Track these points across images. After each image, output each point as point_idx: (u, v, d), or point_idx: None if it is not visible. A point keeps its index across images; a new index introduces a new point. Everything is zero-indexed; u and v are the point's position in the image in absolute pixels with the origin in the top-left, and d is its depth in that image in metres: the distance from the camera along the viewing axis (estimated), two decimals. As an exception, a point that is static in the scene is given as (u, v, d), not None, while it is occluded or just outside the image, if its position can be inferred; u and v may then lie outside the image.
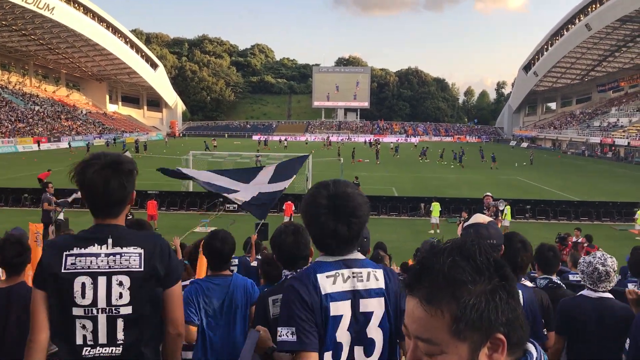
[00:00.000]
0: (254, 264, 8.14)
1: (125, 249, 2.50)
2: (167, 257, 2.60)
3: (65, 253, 2.45)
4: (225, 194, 6.83)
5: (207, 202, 25.56)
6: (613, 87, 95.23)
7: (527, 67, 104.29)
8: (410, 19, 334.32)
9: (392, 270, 2.48)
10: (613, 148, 69.56)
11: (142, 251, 2.52)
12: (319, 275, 2.22)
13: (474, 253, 1.16)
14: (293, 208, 21.58)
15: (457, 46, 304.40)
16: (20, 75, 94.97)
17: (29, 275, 4.35)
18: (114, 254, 2.48)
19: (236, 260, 5.22)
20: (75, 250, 2.46)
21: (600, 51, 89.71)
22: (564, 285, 4.67)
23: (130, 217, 9.14)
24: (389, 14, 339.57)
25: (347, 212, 2.25)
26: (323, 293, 2.19)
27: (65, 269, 2.43)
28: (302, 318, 2.15)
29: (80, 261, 2.45)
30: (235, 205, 24.81)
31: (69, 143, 66.66)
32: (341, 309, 2.21)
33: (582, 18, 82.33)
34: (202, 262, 4.69)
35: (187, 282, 4.67)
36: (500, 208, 16.80)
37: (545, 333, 3.72)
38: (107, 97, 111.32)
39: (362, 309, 2.25)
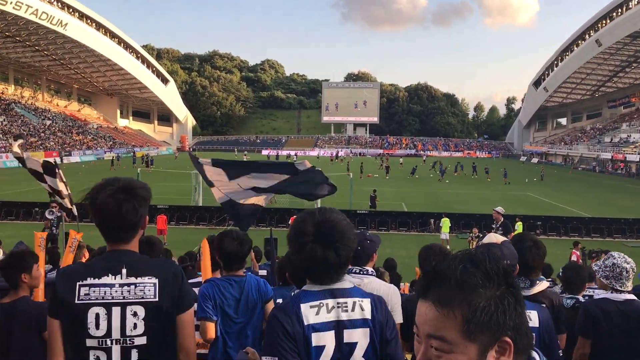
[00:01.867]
0: (263, 272, 8.18)
1: (139, 279, 2.48)
2: (180, 284, 2.58)
3: (78, 283, 2.43)
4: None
5: (216, 217, 25.58)
6: (624, 102, 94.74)
7: (537, 83, 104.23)
8: (418, 35, 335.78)
9: (381, 298, 2.45)
10: (622, 164, 69.11)
11: (156, 281, 2.50)
12: (302, 305, 2.23)
13: (484, 261, 1.24)
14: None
15: (466, 61, 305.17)
16: (33, 90, 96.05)
17: (39, 289, 4.35)
18: (129, 284, 2.46)
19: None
20: (89, 281, 2.44)
21: (610, 67, 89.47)
22: None
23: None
24: (396, 29, 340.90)
25: (333, 239, 2.24)
26: (305, 323, 2.19)
27: (78, 299, 2.41)
28: (284, 348, 2.15)
29: (94, 292, 2.42)
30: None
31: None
32: (323, 339, 2.21)
33: (592, 34, 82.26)
34: (206, 263, 4.63)
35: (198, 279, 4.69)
36: (499, 232, 16.67)
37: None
38: (118, 111, 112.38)
39: (346, 340, 2.24)
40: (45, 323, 3.52)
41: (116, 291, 2.44)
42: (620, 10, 74.12)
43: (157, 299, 2.48)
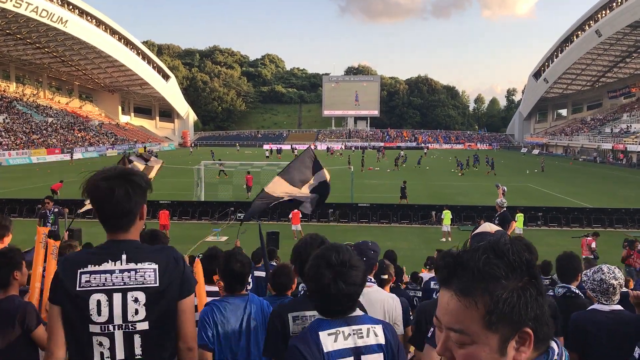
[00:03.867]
0: (261, 274, 8.09)
1: (139, 265, 2.49)
2: (182, 269, 2.60)
3: (79, 270, 2.44)
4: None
5: (218, 212, 25.72)
6: (624, 93, 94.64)
7: (537, 74, 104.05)
8: (418, 27, 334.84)
9: (390, 326, 2.59)
10: (622, 155, 69.16)
11: (156, 266, 2.51)
12: (320, 333, 2.30)
13: (507, 252, 1.22)
14: (300, 216, 21.63)
15: (465, 53, 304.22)
16: (34, 87, 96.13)
17: (35, 287, 4.31)
18: (129, 270, 2.47)
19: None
20: (90, 268, 2.45)
21: (610, 57, 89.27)
22: (582, 295, 4.60)
23: (144, 227, 9.24)
24: (395, 21, 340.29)
25: (350, 281, 2.36)
26: (325, 351, 2.26)
27: (79, 286, 2.42)
28: None
29: (94, 278, 2.43)
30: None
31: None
32: None
33: (592, 24, 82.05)
34: (201, 289, 4.52)
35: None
36: (502, 190, 16.79)
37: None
38: (120, 108, 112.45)
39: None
40: (32, 323, 3.54)
41: (116, 277, 2.45)
42: (619, 0, 73.90)
43: (157, 284, 2.49)
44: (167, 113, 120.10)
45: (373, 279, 3.95)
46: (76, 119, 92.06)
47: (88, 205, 8.64)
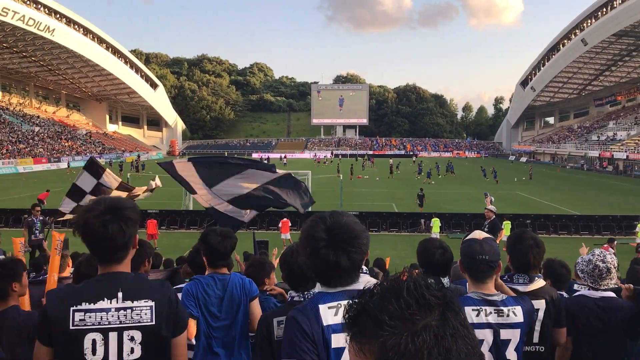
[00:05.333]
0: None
1: (136, 303, 2.45)
2: (175, 307, 2.58)
3: (72, 308, 2.37)
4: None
5: (207, 221, 25.56)
6: (610, 101, 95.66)
7: (524, 83, 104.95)
8: (405, 36, 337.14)
9: None
10: (605, 164, 69.87)
11: (153, 304, 2.48)
12: (320, 306, 2.19)
13: (400, 291, 1.08)
14: (290, 224, 21.60)
15: (453, 62, 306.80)
16: (21, 96, 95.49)
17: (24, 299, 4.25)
18: (125, 309, 2.42)
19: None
20: (84, 306, 2.38)
21: (596, 65, 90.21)
22: None
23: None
24: (383, 30, 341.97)
25: (346, 243, 2.21)
26: (325, 324, 2.16)
27: (73, 325, 2.35)
28: (304, 350, 2.12)
29: (89, 317, 2.37)
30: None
31: (68, 163, 66.79)
32: (343, 341, 2.13)
33: (577, 33, 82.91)
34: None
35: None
36: (489, 199, 16.79)
37: (557, 330, 3.65)
38: (107, 117, 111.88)
39: None
40: (36, 332, 3.53)
41: (112, 316, 2.40)
42: (605, 9, 74.76)
43: (153, 323, 2.46)
44: (155, 122, 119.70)
45: (365, 269, 3.92)
46: (63, 128, 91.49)
47: (68, 215, 8.53)
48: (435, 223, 22.39)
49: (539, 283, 3.61)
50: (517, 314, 2.98)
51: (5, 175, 57.19)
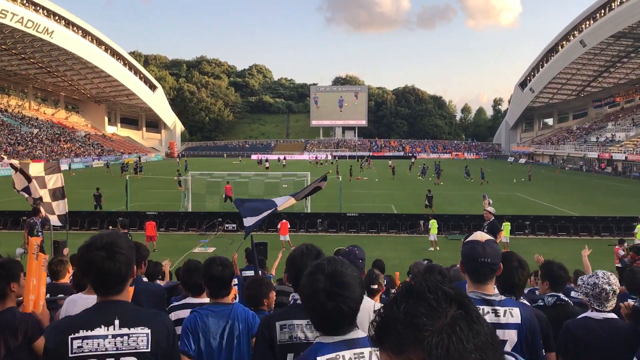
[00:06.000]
0: (250, 273, 8.16)
1: (132, 330, 2.52)
2: (172, 336, 2.66)
3: (70, 337, 2.44)
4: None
5: (205, 223, 25.56)
6: (609, 102, 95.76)
7: (523, 84, 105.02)
8: (404, 37, 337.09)
9: None
10: (604, 164, 69.95)
11: (149, 331, 2.55)
12: (319, 358, 2.17)
13: (424, 292, 1.17)
14: (289, 226, 21.63)
15: (452, 63, 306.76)
16: (20, 98, 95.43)
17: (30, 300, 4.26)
18: (122, 335, 2.50)
19: (236, 280, 5.12)
20: (82, 333, 2.45)
21: (595, 67, 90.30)
22: (571, 303, 4.61)
23: (129, 236, 9.19)
24: (381, 32, 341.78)
25: (345, 293, 2.22)
26: None
27: (72, 352, 2.42)
28: None
29: (87, 344, 2.44)
30: (234, 226, 24.87)
31: (69, 166, 66.67)
32: None
33: (576, 34, 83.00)
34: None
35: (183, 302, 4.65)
36: (487, 202, 16.79)
37: (545, 354, 3.67)
38: (106, 118, 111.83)
39: None
40: (34, 333, 3.53)
41: (109, 342, 2.47)
42: (603, 11, 74.85)
43: (149, 349, 2.52)
44: (154, 124, 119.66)
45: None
46: (62, 130, 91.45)
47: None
48: (433, 225, 22.41)
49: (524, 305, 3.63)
50: (514, 314, 2.98)
51: (5, 178, 57.08)
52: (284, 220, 21.72)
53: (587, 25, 79.40)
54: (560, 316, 4.13)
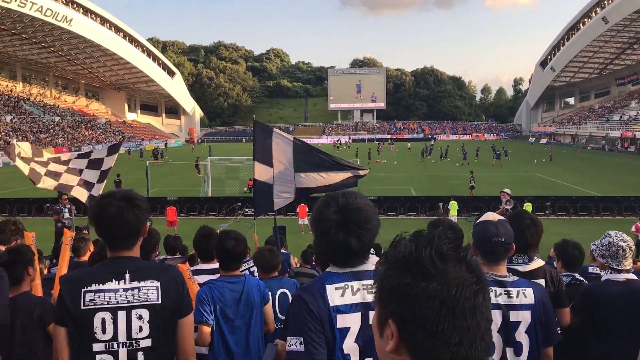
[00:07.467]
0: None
1: (142, 283, 2.58)
2: (182, 288, 2.70)
3: (83, 290, 2.51)
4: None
5: (225, 207, 25.76)
6: (632, 80, 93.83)
7: (543, 63, 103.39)
8: (421, 18, 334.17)
9: None
10: (627, 143, 68.77)
11: (158, 284, 2.61)
12: (327, 287, 2.21)
13: (433, 239, 1.22)
14: (307, 210, 21.66)
15: (470, 43, 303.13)
16: (41, 86, 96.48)
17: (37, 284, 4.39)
18: (132, 289, 2.56)
19: (250, 262, 5.24)
20: (94, 287, 2.52)
21: (618, 44, 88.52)
22: (586, 282, 4.57)
23: (150, 223, 9.35)
24: (398, 12, 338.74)
25: (356, 225, 2.21)
26: (331, 305, 2.18)
27: (84, 305, 2.49)
28: (310, 328, 2.13)
29: (99, 297, 2.51)
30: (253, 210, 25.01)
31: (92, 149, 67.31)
32: (349, 321, 2.20)
33: (598, 11, 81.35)
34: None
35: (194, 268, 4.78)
36: (508, 207, 16.60)
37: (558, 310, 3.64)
38: (126, 105, 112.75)
39: (371, 321, 2.23)
40: (48, 317, 3.62)
41: (120, 296, 2.53)
42: (626, -14, 73.21)
43: (160, 302, 2.58)
44: (174, 110, 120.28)
45: (372, 250, 3.95)
46: (83, 118, 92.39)
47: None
48: (453, 206, 22.34)
49: (538, 263, 3.64)
50: (527, 295, 2.96)
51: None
52: (303, 204, 21.77)
53: (610, 2, 77.70)
54: (574, 295, 4.12)
